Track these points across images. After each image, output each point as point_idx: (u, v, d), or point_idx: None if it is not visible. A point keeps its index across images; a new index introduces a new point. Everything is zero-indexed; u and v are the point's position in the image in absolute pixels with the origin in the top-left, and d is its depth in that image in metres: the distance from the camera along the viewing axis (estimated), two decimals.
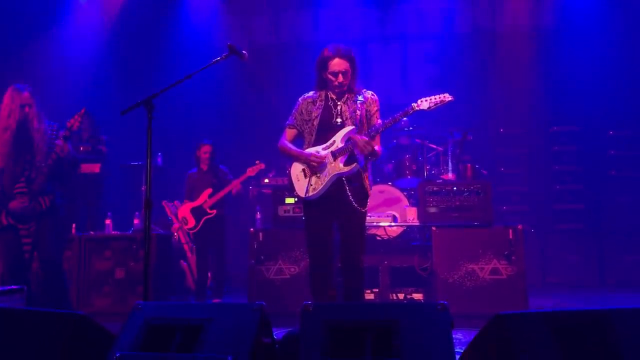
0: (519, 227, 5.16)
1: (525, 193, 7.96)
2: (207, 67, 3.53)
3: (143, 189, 6.73)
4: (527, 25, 8.26)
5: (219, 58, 3.53)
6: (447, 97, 3.71)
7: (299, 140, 4.00)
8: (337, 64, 3.79)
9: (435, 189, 5.50)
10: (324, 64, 3.83)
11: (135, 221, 6.01)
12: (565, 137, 7.98)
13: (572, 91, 7.82)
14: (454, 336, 4.04)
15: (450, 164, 6.25)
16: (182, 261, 6.63)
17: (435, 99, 3.73)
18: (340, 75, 3.79)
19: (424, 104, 3.75)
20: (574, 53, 7.94)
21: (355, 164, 3.78)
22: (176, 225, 6.47)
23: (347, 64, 3.81)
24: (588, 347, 2.10)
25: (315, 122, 3.86)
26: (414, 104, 3.75)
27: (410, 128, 6.78)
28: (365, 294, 5.46)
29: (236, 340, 2.19)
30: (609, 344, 2.09)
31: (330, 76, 3.81)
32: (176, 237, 6.54)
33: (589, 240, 7.70)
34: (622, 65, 7.77)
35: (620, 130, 7.85)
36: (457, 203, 5.42)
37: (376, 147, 3.81)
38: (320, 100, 3.90)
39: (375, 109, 3.93)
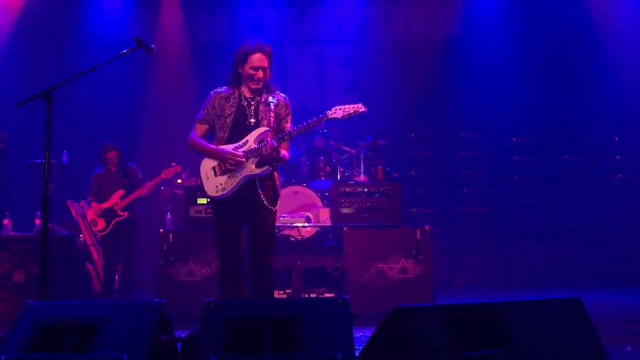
0: (426, 227, 5.34)
1: (434, 196, 8.23)
2: (113, 59, 3.42)
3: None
4: (438, 34, 8.55)
5: (125, 51, 3.43)
6: (361, 107, 3.76)
7: (209, 136, 3.92)
8: (259, 59, 3.76)
9: (347, 190, 5.59)
10: (244, 57, 3.78)
11: (37, 221, 5.72)
12: (472, 142, 8.33)
13: (480, 99, 8.16)
14: (362, 334, 4.14)
15: (362, 166, 6.37)
16: (87, 264, 6.37)
17: (349, 108, 3.76)
18: (260, 71, 3.76)
19: (338, 112, 3.77)
20: (481, 63, 8.30)
21: (267, 166, 3.76)
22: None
23: (267, 60, 3.79)
24: (479, 336, 2.21)
25: (229, 120, 3.80)
26: (328, 112, 3.77)
27: (325, 130, 6.86)
28: (277, 295, 5.45)
29: (133, 338, 2.13)
30: (498, 333, 2.21)
31: (250, 70, 3.76)
32: (82, 238, 6.28)
33: (493, 241, 8.09)
34: (525, 75, 8.20)
35: (523, 137, 8.29)
36: (368, 204, 5.53)
37: (284, 152, 3.81)
38: (234, 98, 3.84)
39: (286, 113, 3.90)
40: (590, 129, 8.10)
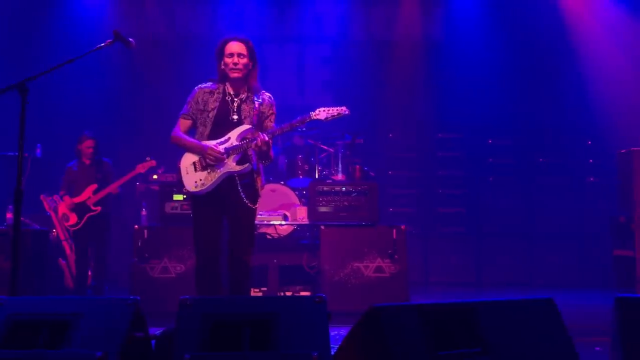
0: (402, 227, 5.37)
1: (412, 196, 8.29)
2: (90, 52, 3.37)
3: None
4: (418, 36, 8.61)
5: (103, 44, 3.38)
6: (344, 110, 3.79)
7: (193, 132, 3.91)
8: (233, 45, 3.78)
9: (325, 188, 5.60)
10: (222, 49, 3.81)
11: (8, 215, 5.62)
12: (450, 143, 8.41)
13: (457, 100, 8.24)
14: (337, 333, 4.14)
15: (340, 165, 6.39)
16: (60, 259, 6.27)
17: (332, 110, 3.78)
18: (236, 57, 3.76)
19: (322, 114, 3.79)
20: (460, 65, 8.37)
21: (247, 164, 3.75)
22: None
23: (244, 48, 3.79)
24: (454, 336, 2.23)
25: (212, 115, 3.80)
26: (312, 113, 3.78)
27: (304, 129, 6.85)
28: (253, 293, 5.44)
29: (107, 335, 2.11)
30: (473, 333, 2.23)
31: (226, 59, 3.78)
32: (55, 233, 6.19)
33: (468, 242, 8.17)
34: (503, 78, 8.29)
35: (499, 139, 8.39)
36: (346, 203, 5.55)
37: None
38: (218, 93, 3.84)
39: (271, 112, 3.92)
40: (564, 133, 8.25)
